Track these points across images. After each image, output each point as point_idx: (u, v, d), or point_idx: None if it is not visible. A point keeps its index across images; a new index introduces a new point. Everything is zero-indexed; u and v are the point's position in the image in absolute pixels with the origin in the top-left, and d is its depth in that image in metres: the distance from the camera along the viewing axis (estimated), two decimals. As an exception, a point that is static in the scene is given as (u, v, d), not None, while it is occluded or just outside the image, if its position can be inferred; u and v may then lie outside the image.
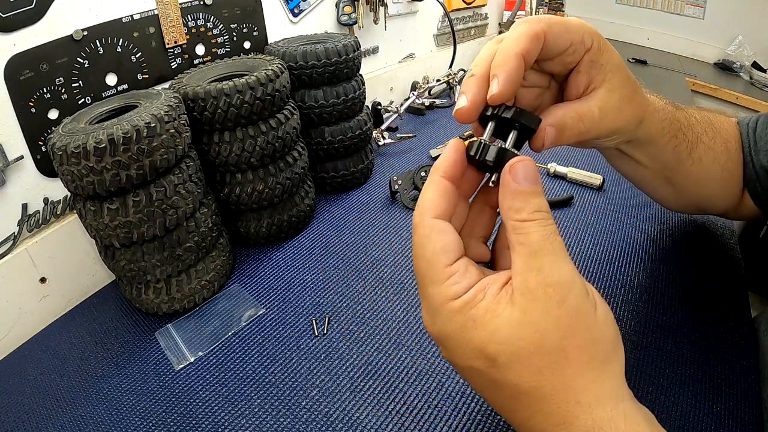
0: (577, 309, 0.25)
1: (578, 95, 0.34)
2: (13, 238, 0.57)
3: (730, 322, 0.53)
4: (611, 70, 0.33)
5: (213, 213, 0.62)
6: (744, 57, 1.71)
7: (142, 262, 0.54)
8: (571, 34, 0.31)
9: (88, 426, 0.47)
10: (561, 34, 0.30)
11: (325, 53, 0.73)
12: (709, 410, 0.43)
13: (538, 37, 0.29)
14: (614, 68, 0.33)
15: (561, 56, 0.32)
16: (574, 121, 0.32)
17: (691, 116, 0.46)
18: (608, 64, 0.33)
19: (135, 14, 0.65)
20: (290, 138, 0.67)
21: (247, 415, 0.47)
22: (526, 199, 0.26)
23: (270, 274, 0.66)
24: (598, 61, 0.32)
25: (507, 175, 0.27)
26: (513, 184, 0.26)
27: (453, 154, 0.30)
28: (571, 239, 0.68)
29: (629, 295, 0.57)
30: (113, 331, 0.59)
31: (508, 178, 0.27)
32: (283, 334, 0.56)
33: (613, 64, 0.33)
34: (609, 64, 0.33)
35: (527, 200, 0.26)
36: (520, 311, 0.25)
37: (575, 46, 0.31)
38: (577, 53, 0.32)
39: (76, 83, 0.60)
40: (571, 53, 0.31)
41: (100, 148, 0.47)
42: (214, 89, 0.59)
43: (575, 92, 0.34)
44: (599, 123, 0.33)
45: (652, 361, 0.48)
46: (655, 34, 1.93)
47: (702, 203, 0.53)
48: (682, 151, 0.44)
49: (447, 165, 0.29)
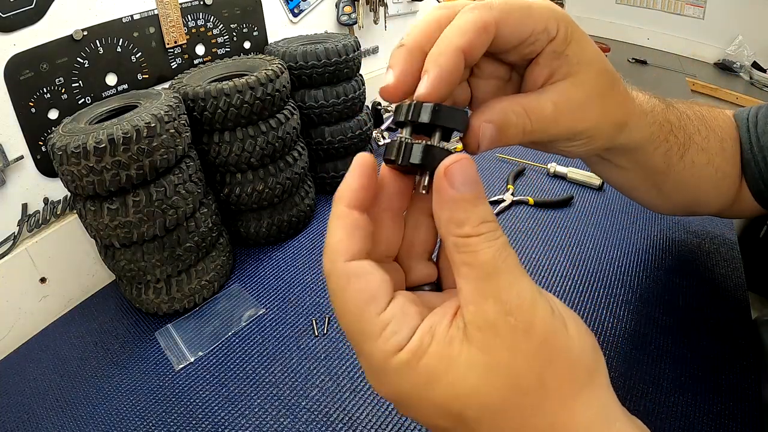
0: (548, 333, 0.20)
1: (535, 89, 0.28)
2: (13, 238, 0.57)
3: (730, 322, 0.53)
4: (581, 62, 0.27)
5: (213, 213, 0.62)
6: (744, 57, 1.71)
7: (142, 262, 0.54)
8: (532, 21, 0.25)
9: (88, 426, 0.47)
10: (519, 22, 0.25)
11: (325, 53, 0.73)
12: (709, 410, 0.43)
13: (487, 29, 0.24)
14: (585, 61, 0.28)
15: (518, 47, 0.26)
16: (518, 117, 0.26)
17: (682, 114, 0.42)
18: (576, 56, 0.27)
19: (135, 14, 0.65)
20: (290, 138, 0.67)
21: (247, 415, 0.47)
22: (468, 209, 0.21)
23: (270, 274, 0.66)
24: (563, 53, 0.27)
25: (441, 180, 0.21)
26: (450, 191, 0.21)
27: (358, 178, 0.23)
28: (571, 239, 0.68)
29: (629, 295, 0.57)
30: (113, 331, 0.59)
31: (444, 183, 0.21)
32: (283, 334, 0.56)
33: (584, 56, 0.28)
34: (578, 56, 0.27)
35: (470, 210, 0.21)
36: (482, 352, 0.20)
37: (536, 35, 0.26)
38: (537, 43, 0.26)
39: (76, 83, 0.60)
40: (531, 43, 0.26)
41: (100, 148, 0.47)
42: (214, 89, 0.59)
43: (531, 87, 0.28)
44: (555, 122, 0.27)
45: (652, 361, 0.48)
46: (655, 34, 1.93)
47: (693, 206, 0.49)
48: (673, 155, 0.40)
49: (351, 193, 0.23)
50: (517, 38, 0.26)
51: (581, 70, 0.28)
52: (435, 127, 0.24)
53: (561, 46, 0.27)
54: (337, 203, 0.23)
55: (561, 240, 0.68)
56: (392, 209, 0.26)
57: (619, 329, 0.52)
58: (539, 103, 0.27)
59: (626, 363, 0.48)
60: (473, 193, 0.21)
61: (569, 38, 0.27)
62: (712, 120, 0.45)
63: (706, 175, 0.44)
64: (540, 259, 0.64)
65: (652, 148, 0.38)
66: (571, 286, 0.59)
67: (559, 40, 0.27)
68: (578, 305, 0.56)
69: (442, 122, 0.23)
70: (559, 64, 0.27)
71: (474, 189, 0.21)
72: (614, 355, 0.49)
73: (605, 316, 0.54)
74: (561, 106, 0.27)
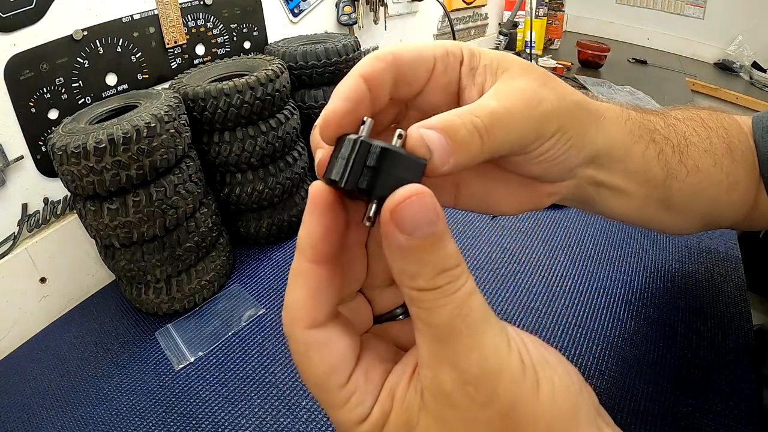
0: (513, 401, 0.18)
1: None
2: (13, 238, 0.57)
3: (730, 322, 0.53)
4: (501, 65, 0.25)
5: (213, 213, 0.62)
6: (744, 57, 1.71)
7: (142, 262, 0.55)
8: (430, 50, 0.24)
9: (88, 426, 0.47)
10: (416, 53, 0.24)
11: (325, 53, 0.73)
12: (708, 410, 0.43)
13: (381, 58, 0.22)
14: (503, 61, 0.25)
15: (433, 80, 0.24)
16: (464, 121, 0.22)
17: (668, 116, 0.37)
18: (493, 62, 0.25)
19: (135, 14, 0.65)
20: (290, 138, 0.67)
21: (247, 415, 0.47)
22: (423, 259, 0.18)
23: (270, 274, 0.66)
24: (479, 65, 0.25)
25: (388, 224, 0.18)
26: (399, 238, 0.18)
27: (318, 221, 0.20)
28: (571, 239, 0.68)
29: (629, 295, 0.57)
30: (113, 331, 0.59)
31: (391, 229, 0.18)
32: (283, 334, 0.56)
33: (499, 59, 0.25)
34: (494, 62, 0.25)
35: (424, 260, 0.18)
36: (438, 423, 0.18)
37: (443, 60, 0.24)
38: (450, 69, 0.25)
39: (76, 83, 0.60)
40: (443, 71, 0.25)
41: (100, 148, 0.47)
42: (214, 89, 0.59)
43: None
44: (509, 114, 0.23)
45: (652, 361, 0.48)
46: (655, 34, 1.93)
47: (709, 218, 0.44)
48: (670, 158, 0.35)
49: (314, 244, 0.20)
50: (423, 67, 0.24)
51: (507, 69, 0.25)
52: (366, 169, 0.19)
53: (474, 60, 0.25)
54: (298, 254, 0.20)
55: (561, 240, 0.68)
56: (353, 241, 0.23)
57: (619, 329, 0.52)
58: (480, 104, 0.23)
59: (626, 363, 0.48)
60: (427, 239, 0.18)
61: (477, 53, 0.25)
62: (713, 121, 0.41)
63: (716, 180, 0.39)
64: (540, 259, 0.64)
65: (640, 150, 0.33)
66: (571, 286, 0.59)
67: (468, 56, 0.25)
68: (578, 305, 0.56)
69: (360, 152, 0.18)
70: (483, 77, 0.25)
71: (429, 232, 0.18)
72: (614, 355, 0.49)
73: (605, 316, 0.54)
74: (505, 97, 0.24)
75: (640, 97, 1.26)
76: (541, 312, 0.56)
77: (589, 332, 0.52)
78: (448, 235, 0.18)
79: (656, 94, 1.27)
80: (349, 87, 0.21)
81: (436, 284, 0.18)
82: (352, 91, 0.21)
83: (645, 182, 0.35)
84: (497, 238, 0.69)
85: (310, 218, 0.20)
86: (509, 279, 0.61)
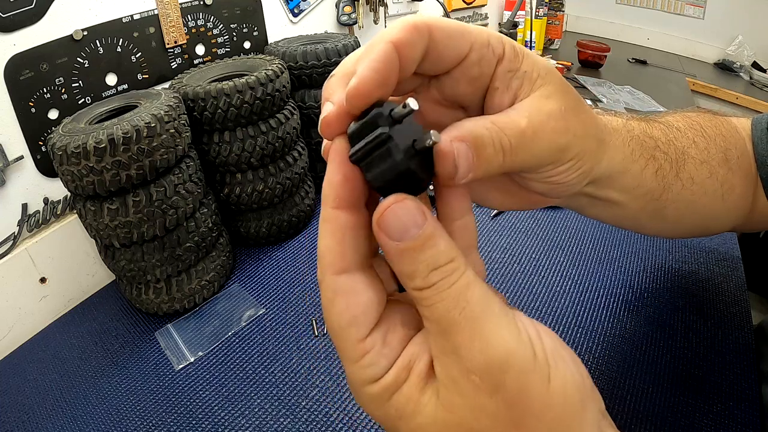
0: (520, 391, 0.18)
1: None
2: (13, 238, 0.57)
3: (730, 322, 0.53)
4: (541, 75, 0.24)
5: (213, 213, 0.62)
6: (744, 57, 1.71)
7: (142, 262, 0.55)
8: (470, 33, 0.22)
9: (88, 426, 0.47)
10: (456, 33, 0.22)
11: (325, 53, 0.73)
12: (708, 410, 0.43)
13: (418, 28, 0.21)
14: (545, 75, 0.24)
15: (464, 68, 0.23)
16: (492, 132, 0.22)
17: (670, 128, 0.38)
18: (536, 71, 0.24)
19: (135, 14, 0.65)
20: (290, 138, 0.67)
21: (247, 415, 0.47)
22: (414, 259, 0.19)
23: (270, 274, 0.66)
24: (520, 69, 0.24)
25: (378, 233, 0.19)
26: (390, 244, 0.19)
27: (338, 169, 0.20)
28: (571, 239, 0.68)
29: (629, 295, 0.57)
30: (113, 331, 0.59)
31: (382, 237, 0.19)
32: (283, 334, 0.56)
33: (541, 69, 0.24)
34: (535, 70, 0.24)
35: (416, 259, 0.19)
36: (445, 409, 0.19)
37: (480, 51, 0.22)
38: (485, 62, 0.23)
39: (76, 83, 0.60)
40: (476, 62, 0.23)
41: (100, 148, 0.47)
42: (214, 89, 0.59)
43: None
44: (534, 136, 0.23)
45: (652, 361, 0.48)
46: (655, 34, 1.93)
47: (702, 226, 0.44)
48: (667, 173, 0.35)
49: (334, 190, 0.20)
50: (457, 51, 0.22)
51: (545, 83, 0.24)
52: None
53: (514, 63, 0.24)
54: (324, 203, 0.21)
55: (561, 240, 0.68)
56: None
57: (619, 329, 0.52)
58: (510, 118, 0.23)
59: (626, 363, 0.48)
60: (416, 240, 0.19)
61: (520, 54, 0.24)
62: (712, 129, 0.41)
63: (710, 190, 0.39)
64: (540, 259, 0.64)
65: (639, 168, 0.33)
66: (571, 286, 0.59)
67: (510, 56, 0.23)
68: (578, 305, 0.56)
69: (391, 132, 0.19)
70: (520, 84, 0.24)
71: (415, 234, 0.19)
72: (614, 355, 0.49)
73: (605, 316, 0.54)
74: (535, 119, 0.23)
75: (640, 97, 1.26)
76: (541, 312, 0.56)
77: (589, 332, 0.52)
78: (438, 233, 0.19)
79: (656, 94, 1.27)
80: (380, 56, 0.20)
81: (430, 282, 0.19)
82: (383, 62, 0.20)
83: (639, 197, 0.35)
84: (497, 238, 0.69)
85: (330, 166, 0.21)
86: (509, 279, 0.61)
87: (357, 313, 0.20)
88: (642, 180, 0.34)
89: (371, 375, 0.20)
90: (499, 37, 0.23)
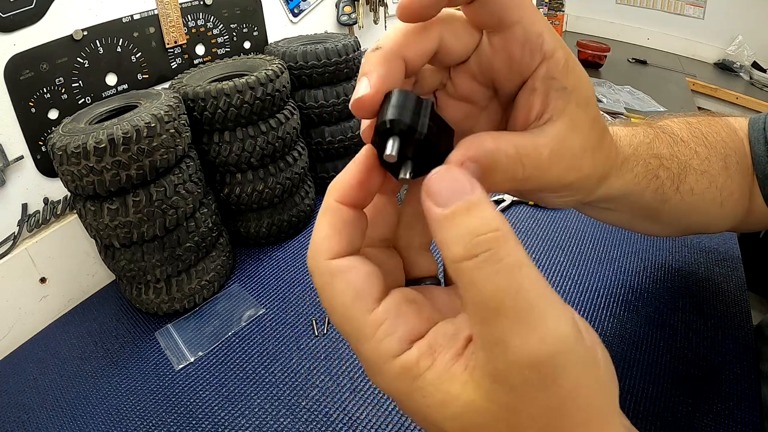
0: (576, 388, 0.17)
1: (526, 124, 0.23)
2: (13, 238, 0.57)
3: (730, 322, 0.53)
4: (578, 101, 0.23)
5: (213, 213, 0.62)
6: (744, 57, 1.71)
7: (142, 262, 0.55)
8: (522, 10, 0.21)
9: (88, 426, 0.47)
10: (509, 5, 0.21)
11: (325, 53, 0.73)
12: (708, 410, 0.43)
13: None
14: (582, 99, 0.23)
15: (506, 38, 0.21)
16: (510, 162, 0.21)
17: (676, 139, 0.37)
18: (576, 92, 0.23)
19: (135, 14, 0.65)
20: (290, 138, 0.67)
21: (247, 415, 0.47)
22: (455, 223, 0.17)
23: (270, 274, 0.66)
24: (561, 82, 0.22)
25: (425, 200, 0.18)
26: (434, 209, 0.17)
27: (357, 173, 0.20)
28: (571, 239, 0.68)
29: (629, 295, 0.57)
30: (113, 331, 0.59)
31: (427, 204, 0.18)
32: (283, 334, 0.56)
33: (582, 93, 0.23)
34: (577, 91, 0.23)
35: (456, 224, 0.17)
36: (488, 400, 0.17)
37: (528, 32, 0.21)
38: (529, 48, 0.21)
39: (76, 83, 0.60)
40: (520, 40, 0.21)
41: (100, 148, 0.47)
42: (214, 89, 0.59)
43: (523, 118, 0.23)
44: (546, 171, 0.22)
45: (652, 361, 0.48)
46: (655, 34, 1.93)
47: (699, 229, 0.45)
48: (667, 189, 0.35)
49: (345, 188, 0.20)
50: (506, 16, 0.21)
51: (579, 113, 0.23)
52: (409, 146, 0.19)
53: (560, 72, 0.22)
54: (328, 195, 0.21)
55: (561, 240, 0.68)
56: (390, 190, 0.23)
57: (619, 329, 0.52)
58: (536, 148, 0.22)
59: (626, 363, 0.48)
60: (462, 205, 0.17)
61: (570, 66, 0.22)
62: (713, 135, 0.41)
63: (709, 198, 0.39)
64: (540, 259, 0.64)
65: (639, 190, 0.33)
66: (571, 286, 0.59)
67: (559, 63, 0.22)
68: (578, 305, 0.56)
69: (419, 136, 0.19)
70: (557, 97, 0.22)
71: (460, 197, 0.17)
72: (614, 355, 0.49)
73: (605, 316, 0.54)
74: (556, 154, 0.22)
75: (640, 97, 1.26)
76: (541, 312, 0.55)
77: (589, 332, 0.52)
78: (486, 203, 0.17)
79: (656, 94, 1.27)
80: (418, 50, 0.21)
81: (474, 252, 0.16)
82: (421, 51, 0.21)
83: (638, 208, 0.36)
84: (497, 238, 0.69)
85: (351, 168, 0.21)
86: (509, 279, 0.61)
87: (359, 285, 0.19)
88: (640, 198, 0.34)
89: (389, 349, 0.18)
90: (556, 38, 0.22)
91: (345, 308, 0.19)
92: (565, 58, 0.22)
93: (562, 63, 0.22)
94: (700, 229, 0.44)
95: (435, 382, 0.18)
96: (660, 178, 0.34)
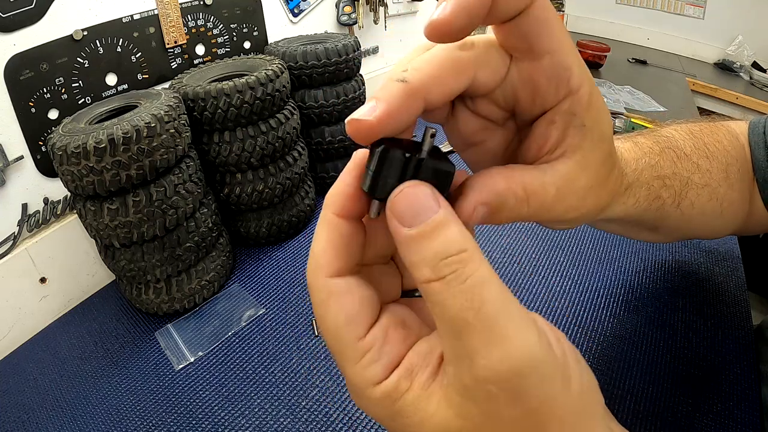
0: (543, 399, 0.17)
1: (539, 154, 0.23)
2: (13, 238, 0.57)
3: (730, 322, 0.53)
4: (593, 139, 0.23)
5: (213, 213, 0.62)
6: (744, 57, 1.71)
7: (142, 262, 0.55)
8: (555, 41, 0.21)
9: (88, 426, 0.47)
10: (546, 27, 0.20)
11: (325, 53, 0.73)
12: (708, 410, 0.43)
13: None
14: (598, 137, 0.23)
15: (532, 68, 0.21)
16: (517, 202, 0.21)
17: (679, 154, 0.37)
18: (592, 130, 0.22)
19: (135, 14, 0.65)
20: (290, 138, 0.67)
21: (247, 415, 0.47)
22: (423, 246, 0.17)
23: (270, 274, 0.66)
24: (581, 119, 0.22)
25: (391, 219, 0.18)
26: (400, 230, 0.18)
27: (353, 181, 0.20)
28: (571, 239, 0.68)
29: (629, 295, 0.57)
30: (113, 331, 0.59)
31: (392, 222, 0.18)
32: (283, 334, 0.56)
33: (599, 131, 0.23)
34: (594, 130, 0.23)
35: (424, 247, 0.17)
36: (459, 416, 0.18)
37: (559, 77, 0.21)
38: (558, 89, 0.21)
39: (76, 83, 0.60)
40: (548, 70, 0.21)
41: (100, 148, 0.47)
42: (214, 89, 0.59)
43: (536, 148, 0.23)
44: (549, 209, 0.23)
45: (652, 361, 0.48)
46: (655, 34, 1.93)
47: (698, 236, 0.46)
48: (668, 208, 0.36)
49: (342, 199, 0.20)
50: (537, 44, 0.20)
51: (593, 150, 0.23)
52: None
53: (582, 108, 0.22)
54: (326, 207, 0.21)
55: (561, 240, 0.68)
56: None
57: (619, 329, 0.52)
58: (543, 188, 0.22)
59: (626, 363, 0.48)
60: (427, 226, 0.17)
61: (591, 103, 0.22)
62: (715, 145, 0.41)
63: (708, 210, 0.40)
64: (540, 259, 0.64)
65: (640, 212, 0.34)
66: (571, 286, 0.59)
67: (582, 99, 0.22)
68: (578, 305, 0.56)
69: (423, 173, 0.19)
70: (574, 134, 0.22)
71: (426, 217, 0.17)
72: (614, 355, 0.49)
73: (605, 316, 0.54)
74: (562, 192, 0.23)
75: (640, 97, 1.26)
76: (541, 312, 0.55)
77: (589, 332, 0.52)
78: (451, 222, 0.18)
79: (656, 94, 1.27)
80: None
81: (441, 273, 0.17)
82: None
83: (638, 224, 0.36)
84: (497, 238, 0.69)
85: (345, 176, 0.20)
86: (509, 279, 0.61)
87: (353, 312, 0.20)
88: (640, 218, 0.34)
89: (373, 376, 0.19)
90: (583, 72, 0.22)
91: (336, 330, 0.20)
92: (590, 93, 0.22)
93: (586, 99, 0.22)
94: (700, 236, 0.45)
95: (414, 402, 0.18)
96: (661, 198, 0.35)
